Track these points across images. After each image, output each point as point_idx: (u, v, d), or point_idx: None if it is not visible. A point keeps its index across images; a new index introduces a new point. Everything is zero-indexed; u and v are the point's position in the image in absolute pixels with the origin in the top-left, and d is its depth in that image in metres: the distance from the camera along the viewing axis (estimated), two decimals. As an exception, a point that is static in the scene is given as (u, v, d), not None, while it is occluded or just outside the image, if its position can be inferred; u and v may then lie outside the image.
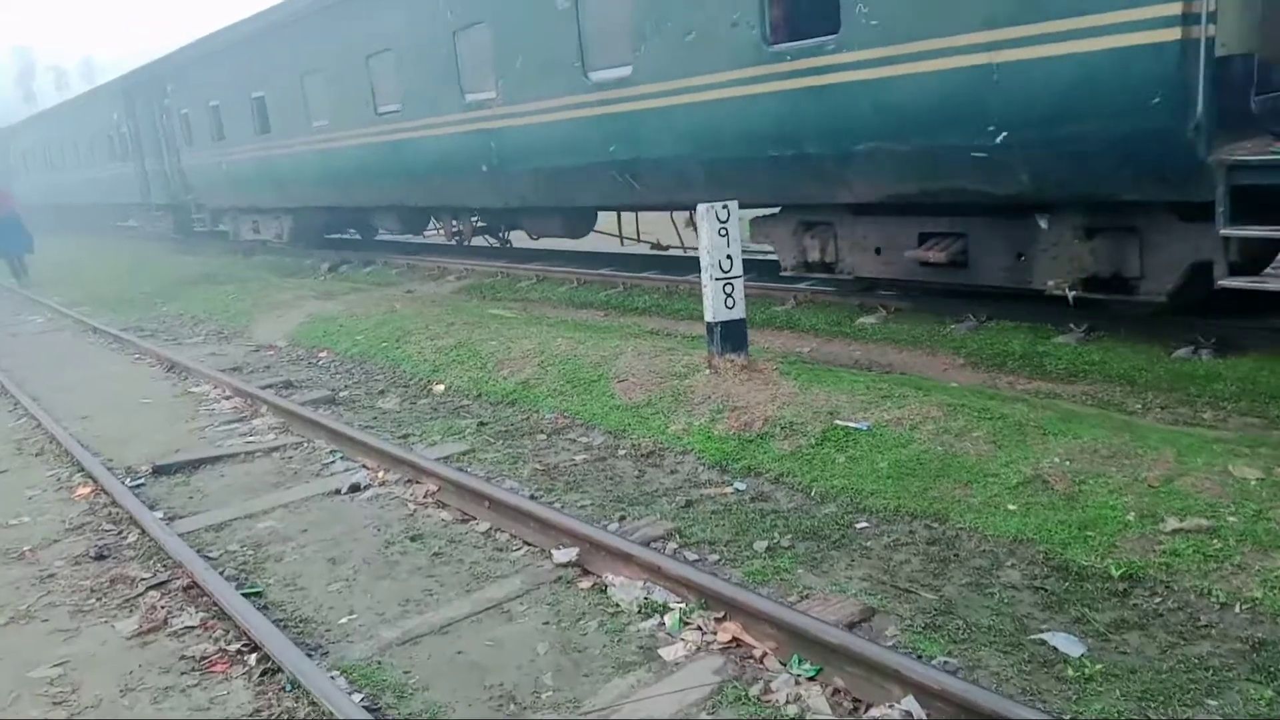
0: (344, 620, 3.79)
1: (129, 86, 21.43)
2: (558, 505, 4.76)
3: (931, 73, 6.23)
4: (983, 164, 6.19)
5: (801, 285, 8.96)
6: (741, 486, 4.83)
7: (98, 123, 23.77)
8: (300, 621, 3.80)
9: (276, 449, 6.20)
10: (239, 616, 3.62)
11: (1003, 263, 6.85)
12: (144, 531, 4.71)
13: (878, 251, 7.68)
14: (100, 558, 4.51)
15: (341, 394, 7.63)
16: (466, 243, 13.74)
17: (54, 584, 4.27)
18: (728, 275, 6.19)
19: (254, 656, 3.45)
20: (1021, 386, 5.98)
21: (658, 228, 11.43)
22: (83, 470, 5.84)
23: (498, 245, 13.92)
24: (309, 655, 3.43)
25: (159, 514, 5.05)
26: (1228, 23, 5.26)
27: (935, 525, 4.20)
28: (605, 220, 11.96)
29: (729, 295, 6.22)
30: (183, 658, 3.52)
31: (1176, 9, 5.05)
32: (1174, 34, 5.08)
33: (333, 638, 3.65)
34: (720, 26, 7.56)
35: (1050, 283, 6.53)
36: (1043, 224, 6.50)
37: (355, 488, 5.31)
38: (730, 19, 7.45)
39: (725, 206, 6.12)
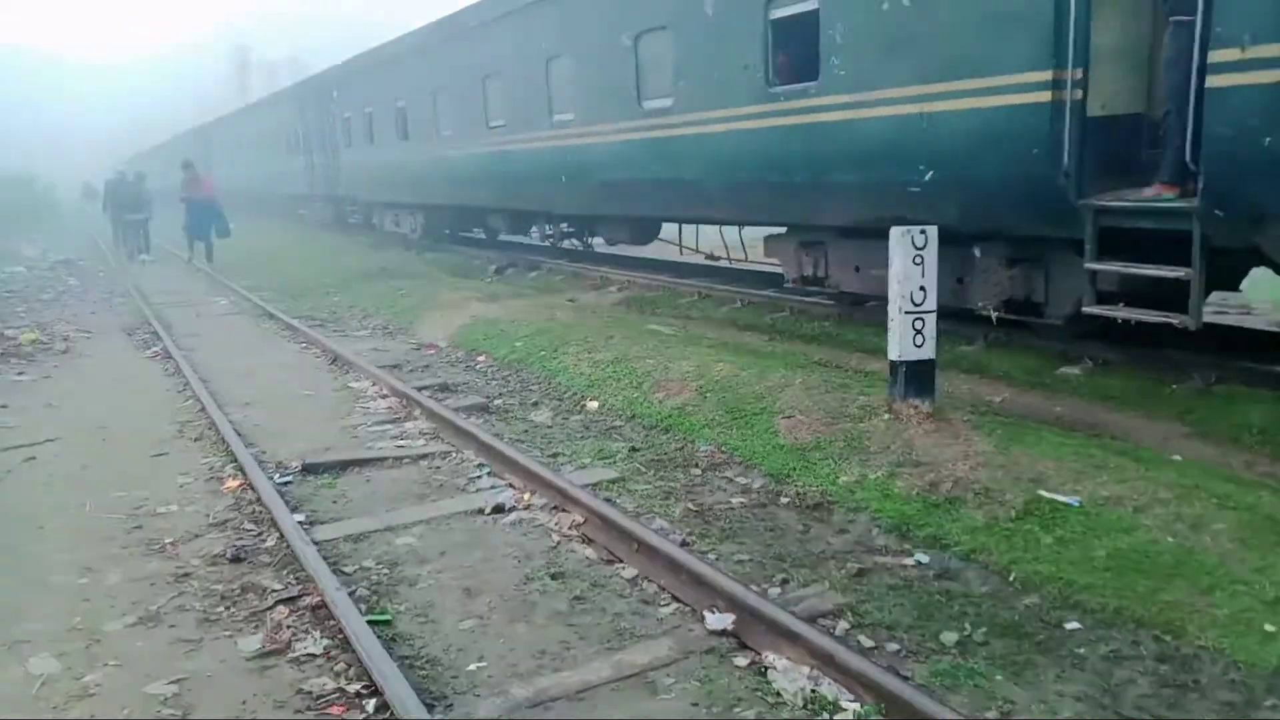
0: (473, 667, 3.44)
1: (303, 91, 24.04)
2: (712, 556, 4.28)
3: (882, 118, 7.33)
4: (919, 197, 7.14)
5: (980, 326, 8.20)
6: (925, 559, 4.21)
7: (278, 122, 26.71)
8: (427, 662, 3.47)
9: (425, 456, 6.00)
10: (363, 652, 3.32)
11: (948, 284, 7.46)
12: (282, 536, 4.55)
13: (856, 269, 8.70)
14: (236, 560, 4.36)
15: (495, 402, 7.42)
16: (558, 244, 15.23)
17: (187, 585, 4.13)
18: (919, 309, 5.57)
19: (373, 703, 3.14)
20: (1264, 470, 5.06)
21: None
22: (235, 461, 5.80)
23: (582, 249, 15.37)
24: (430, 707, 3.09)
25: (300, 517, 4.88)
26: (1108, 87, 6.24)
27: (1167, 639, 3.47)
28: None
29: (919, 332, 5.60)
30: (300, 691, 3.25)
31: (1047, 76, 6.00)
32: (1045, 96, 6.05)
33: (459, 687, 3.30)
34: (735, 68, 8.76)
35: (980, 304, 7.56)
36: (976, 253, 7.49)
37: (499, 509, 5.01)
38: (744, 62, 8.64)
39: (923, 232, 5.52)
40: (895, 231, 5.51)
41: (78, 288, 16.22)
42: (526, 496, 5.14)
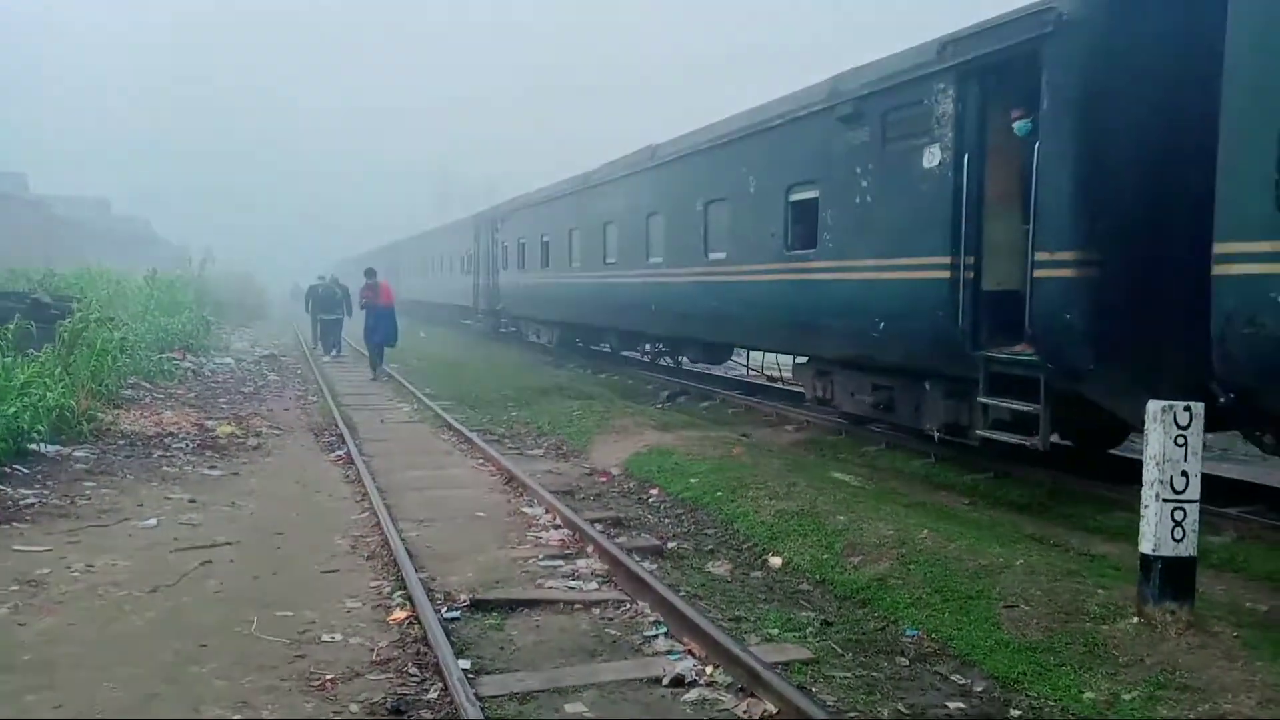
0: None
1: (476, 221, 28.46)
2: (936, 784, 3.56)
3: (854, 280, 9.76)
4: (877, 341, 9.48)
5: (1239, 509, 7.12)
6: (1216, 827, 3.33)
7: (454, 244, 31.84)
8: None
9: (598, 604, 5.54)
10: None
11: (909, 411, 9.82)
12: (446, 688, 4.15)
13: (852, 394, 10.80)
14: (396, 711, 3.98)
15: (670, 545, 6.93)
16: (651, 360, 19.09)
17: (342, 737, 3.78)
18: (1180, 498, 4.76)
19: None
20: None
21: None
22: (404, 589, 5.52)
23: (674, 365, 18.56)
24: None
25: (466, 664, 4.49)
26: (1000, 270, 8.19)
27: None
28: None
29: (1179, 524, 4.78)
30: None
31: (947, 260, 8.25)
32: (945, 274, 8.27)
33: None
34: (766, 235, 11.52)
35: (928, 426, 9.45)
36: (926, 386, 9.40)
37: (679, 681, 4.45)
38: (771, 231, 11.37)
39: (1187, 409, 4.77)
40: (1154, 406, 4.78)
41: (276, 383, 17.11)
42: (709, 670, 4.57)
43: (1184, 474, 4.74)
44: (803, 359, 12.05)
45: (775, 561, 6.59)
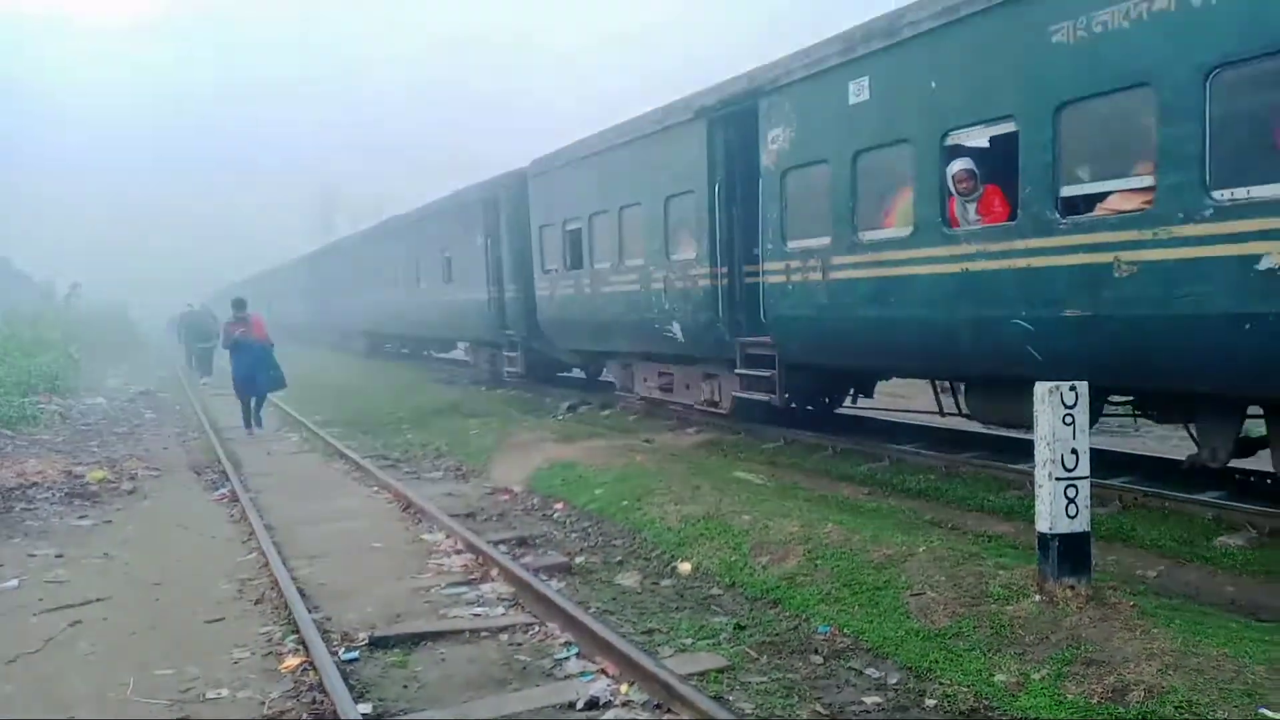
0: None
1: (313, 257, 36.41)
2: (859, 785, 3.51)
3: (468, 300, 18.68)
4: (478, 328, 18.92)
5: (1121, 481, 7.42)
6: (1131, 801, 3.38)
7: (301, 275, 39.12)
8: None
9: (505, 629, 5.34)
10: None
11: (498, 365, 18.99)
12: (346, 739, 3.89)
13: (480, 359, 20.42)
14: (291, 768, 3.71)
15: (577, 560, 6.78)
16: (435, 354, 26.92)
17: (233, 804, 3.49)
18: (1071, 475, 4.86)
19: None
20: None
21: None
22: (297, 632, 5.20)
23: (433, 354, 26.98)
24: None
25: (367, 708, 4.24)
26: (517, 291, 16.99)
27: None
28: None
29: (1071, 501, 4.86)
30: None
31: (486, 288, 17.82)
32: (486, 296, 17.70)
33: None
34: (439, 275, 20.53)
35: (505, 371, 18.88)
36: (499, 351, 18.79)
37: (593, 704, 4.30)
38: (440, 273, 20.56)
39: (1073, 388, 4.87)
40: (1041, 388, 4.87)
41: (153, 421, 16.21)
42: (624, 688, 4.43)
43: (1074, 451, 4.83)
44: (466, 343, 21.15)
45: (684, 567, 6.51)
